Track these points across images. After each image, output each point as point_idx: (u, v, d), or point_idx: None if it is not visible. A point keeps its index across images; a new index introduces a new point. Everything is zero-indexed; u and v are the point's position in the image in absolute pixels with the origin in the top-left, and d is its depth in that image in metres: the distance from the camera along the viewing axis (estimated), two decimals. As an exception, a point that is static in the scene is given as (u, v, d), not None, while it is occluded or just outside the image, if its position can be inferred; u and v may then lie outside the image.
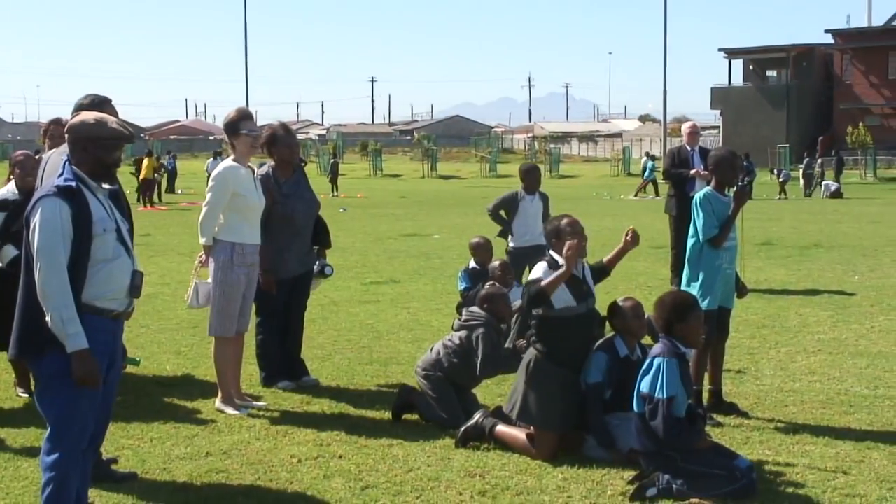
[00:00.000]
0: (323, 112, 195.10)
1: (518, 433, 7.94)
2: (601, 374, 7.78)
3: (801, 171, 53.51)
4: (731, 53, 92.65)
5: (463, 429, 8.12)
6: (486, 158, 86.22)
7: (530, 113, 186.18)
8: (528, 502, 6.89)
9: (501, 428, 8.02)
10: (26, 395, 9.44)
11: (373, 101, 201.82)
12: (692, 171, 15.92)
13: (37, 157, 9.61)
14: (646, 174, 51.41)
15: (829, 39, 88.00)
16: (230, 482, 7.29)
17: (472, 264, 12.25)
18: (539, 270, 7.81)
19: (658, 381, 7.07)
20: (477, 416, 8.15)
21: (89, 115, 6.11)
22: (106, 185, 6.07)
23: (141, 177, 43.87)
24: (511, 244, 13.38)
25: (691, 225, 9.20)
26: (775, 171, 52.37)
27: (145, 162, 44.11)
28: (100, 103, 7.88)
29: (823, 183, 50.10)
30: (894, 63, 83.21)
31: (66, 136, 6.04)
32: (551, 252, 7.93)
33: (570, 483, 7.18)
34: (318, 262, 10.46)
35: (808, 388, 9.92)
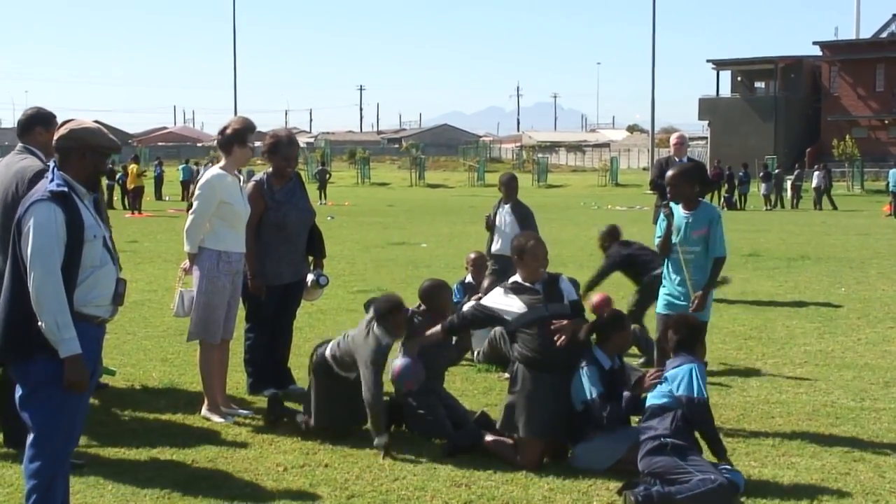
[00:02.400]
0: (311, 119, 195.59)
1: (504, 442, 7.94)
2: (600, 385, 7.72)
3: (789, 182, 53.57)
4: (720, 65, 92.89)
5: (450, 438, 8.12)
6: (473, 167, 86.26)
7: (518, 122, 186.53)
8: (514, 512, 6.88)
9: (487, 437, 8.02)
10: None
11: (361, 109, 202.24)
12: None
13: None
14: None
15: (817, 51, 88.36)
16: (216, 490, 7.26)
17: (469, 278, 12.35)
18: (496, 296, 8.16)
19: (696, 383, 7.24)
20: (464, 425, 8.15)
21: (90, 123, 6.08)
22: (92, 193, 6.07)
23: (130, 185, 43.85)
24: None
25: None
26: (761, 182, 52.45)
27: (132, 168, 44.07)
28: (46, 119, 7.93)
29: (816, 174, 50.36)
30: (882, 75, 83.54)
31: (64, 141, 5.92)
32: (515, 276, 8.19)
33: (556, 493, 7.17)
34: (313, 272, 10.40)
35: (795, 399, 9.92)
